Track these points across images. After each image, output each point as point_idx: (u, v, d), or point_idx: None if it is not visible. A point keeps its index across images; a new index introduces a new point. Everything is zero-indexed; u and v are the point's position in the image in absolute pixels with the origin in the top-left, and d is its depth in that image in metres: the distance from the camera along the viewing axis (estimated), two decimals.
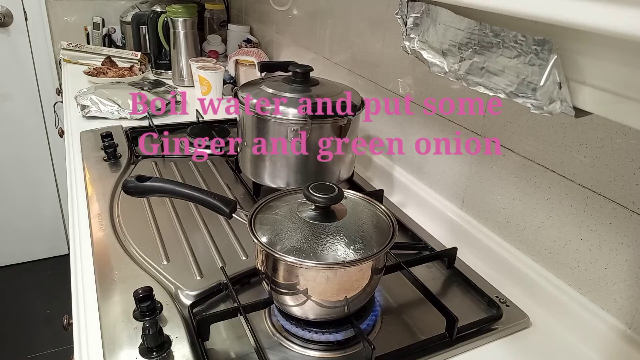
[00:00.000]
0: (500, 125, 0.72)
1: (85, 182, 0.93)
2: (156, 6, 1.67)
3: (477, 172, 0.78)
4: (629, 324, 0.58)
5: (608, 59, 0.32)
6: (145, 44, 1.73)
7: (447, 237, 0.82)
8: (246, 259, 0.74)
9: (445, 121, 0.83)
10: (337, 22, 1.15)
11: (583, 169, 0.60)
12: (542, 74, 0.35)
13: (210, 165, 1.03)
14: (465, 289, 0.70)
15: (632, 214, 0.56)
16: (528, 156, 0.68)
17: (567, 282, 0.65)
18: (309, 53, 1.31)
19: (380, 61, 0.99)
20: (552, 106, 0.36)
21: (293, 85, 0.84)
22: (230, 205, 0.66)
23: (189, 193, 0.68)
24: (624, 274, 0.58)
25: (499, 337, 0.62)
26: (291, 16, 1.41)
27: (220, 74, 1.40)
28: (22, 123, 2.03)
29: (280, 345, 0.59)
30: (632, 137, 0.54)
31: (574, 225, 0.63)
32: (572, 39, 0.33)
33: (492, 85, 0.41)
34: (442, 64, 0.46)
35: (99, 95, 1.23)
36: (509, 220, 0.73)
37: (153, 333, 0.55)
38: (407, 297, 0.68)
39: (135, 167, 1.01)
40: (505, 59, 0.39)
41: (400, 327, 0.63)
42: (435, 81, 0.84)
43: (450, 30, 0.44)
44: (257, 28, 1.72)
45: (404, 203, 0.94)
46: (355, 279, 0.56)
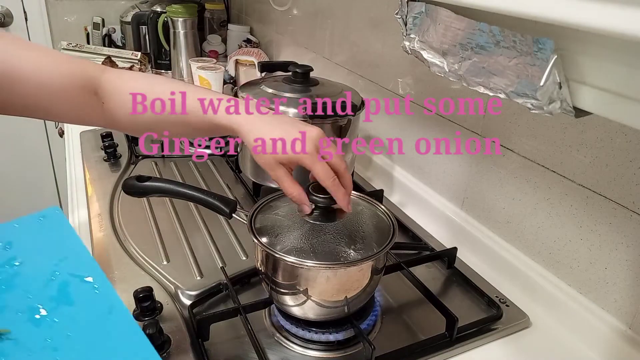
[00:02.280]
0: (500, 125, 0.72)
1: (85, 182, 0.93)
2: (156, 6, 1.67)
3: (477, 172, 0.78)
4: (629, 324, 0.58)
5: (608, 59, 0.32)
6: (145, 44, 1.73)
7: (447, 237, 0.82)
8: (246, 259, 0.74)
9: (445, 121, 0.83)
10: (337, 22, 1.15)
11: (583, 169, 0.60)
12: (542, 74, 0.35)
13: (210, 165, 1.03)
14: (465, 289, 0.70)
15: (632, 214, 0.56)
16: (528, 156, 0.68)
17: (567, 282, 0.65)
18: (309, 53, 1.31)
19: (380, 61, 0.99)
20: (552, 106, 0.36)
21: (293, 85, 0.84)
22: (230, 205, 0.66)
23: (189, 193, 0.68)
24: (624, 274, 0.58)
25: (499, 337, 0.62)
26: (291, 16, 1.41)
27: (220, 74, 1.40)
28: (22, 123, 2.03)
29: (280, 345, 0.59)
30: (632, 137, 0.54)
31: (574, 225, 0.63)
32: (572, 39, 0.33)
33: (492, 85, 0.41)
34: (442, 64, 0.46)
35: None
36: (509, 220, 0.73)
37: (153, 333, 0.55)
38: (407, 297, 0.68)
39: (135, 167, 1.01)
40: (505, 59, 0.39)
41: (400, 327, 0.63)
42: (435, 81, 0.84)
43: (450, 30, 0.44)
44: (257, 28, 1.72)
45: (404, 203, 0.94)
46: (355, 279, 0.56)
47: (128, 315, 0.46)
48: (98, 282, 0.49)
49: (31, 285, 0.48)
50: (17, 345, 0.42)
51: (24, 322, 0.44)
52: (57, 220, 0.57)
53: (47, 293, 0.47)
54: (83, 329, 0.44)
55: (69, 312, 0.46)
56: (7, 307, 0.45)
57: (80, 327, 0.44)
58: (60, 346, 0.42)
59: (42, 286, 0.48)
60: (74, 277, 0.49)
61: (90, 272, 0.50)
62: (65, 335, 0.43)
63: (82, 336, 0.44)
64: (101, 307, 0.47)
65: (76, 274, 0.50)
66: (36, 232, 0.55)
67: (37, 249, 0.53)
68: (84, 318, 0.45)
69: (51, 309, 0.46)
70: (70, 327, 0.44)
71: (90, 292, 0.48)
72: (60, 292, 0.48)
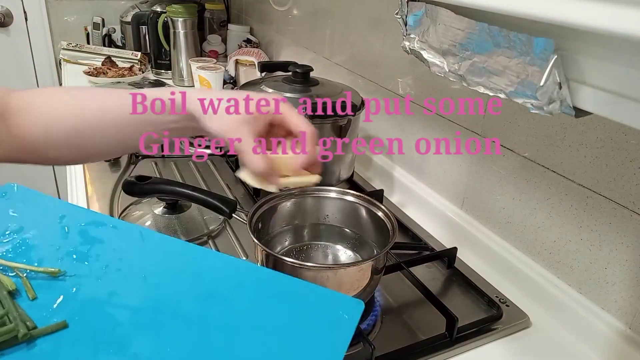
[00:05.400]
0: (500, 125, 0.72)
1: (85, 182, 0.93)
2: (156, 6, 1.67)
3: (477, 172, 0.78)
4: (629, 324, 0.58)
5: (608, 59, 0.32)
6: (145, 44, 1.73)
7: (447, 237, 0.82)
8: (246, 259, 0.74)
9: (445, 121, 0.83)
10: (337, 22, 1.15)
11: (583, 169, 0.60)
12: (542, 74, 0.35)
13: (210, 165, 1.03)
14: (465, 289, 0.70)
15: (632, 214, 0.56)
16: (528, 156, 0.68)
17: (567, 282, 0.65)
18: (309, 53, 1.31)
19: (380, 61, 0.99)
20: (552, 106, 0.36)
21: (293, 85, 0.84)
22: (230, 205, 0.66)
23: (189, 193, 0.68)
24: (624, 274, 0.58)
25: (499, 337, 0.62)
26: (291, 16, 1.41)
27: (220, 74, 1.40)
28: None
29: None
30: (632, 137, 0.54)
31: (574, 225, 0.63)
32: (572, 39, 0.33)
33: (492, 85, 0.41)
34: (442, 64, 0.46)
35: None
36: (509, 220, 0.73)
37: None
38: (407, 297, 0.68)
39: (135, 167, 1.01)
40: (505, 59, 0.39)
41: (400, 327, 0.63)
42: (435, 81, 0.84)
43: (450, 30, 0.44)
44: (257, 28, 1.72)
45: (404, 203, 0.94)
46: (356, 279, 0.56)
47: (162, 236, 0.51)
48: (111, 223, 0.52)
49: (52, 242, 0.50)
50: (82, 279, 0.45)
51: (72, 263, 0.47)
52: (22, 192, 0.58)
53: (73, 241, 0.50)
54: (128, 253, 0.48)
55: (106, 247, 0.49)
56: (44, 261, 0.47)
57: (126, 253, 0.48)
58: (121, 267, 0.47)
59: (64, 239, 0.50)
60: (88, 225, 0.52)
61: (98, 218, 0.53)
62: (117, 259, 0.47)
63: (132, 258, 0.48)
64: (132, 237, 0.50)
65: (87, 223, 0.52)
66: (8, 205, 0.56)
67: (28, 215, 0.54)
68: (123, 248, 0.49)
69: (87, 250, 0.49)
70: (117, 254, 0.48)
71: (111, 231, 0.51)
72: (84, 238, 0.50)
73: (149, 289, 0.44)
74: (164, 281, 0.45)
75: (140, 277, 0.46)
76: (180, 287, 0.44)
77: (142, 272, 0.46)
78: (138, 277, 0.46)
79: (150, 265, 0.47)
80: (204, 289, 0.44)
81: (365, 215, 0.66)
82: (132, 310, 0.42)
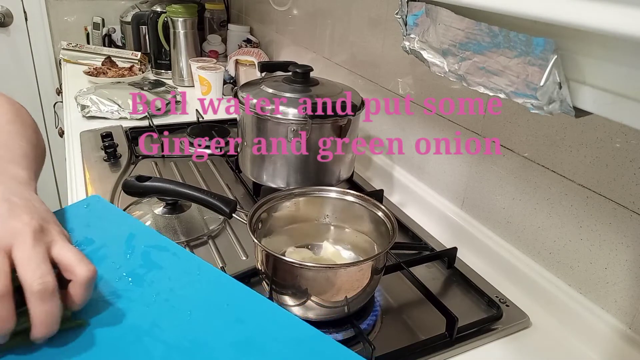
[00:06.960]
0: (500, 125, 0.72)
1: (85, 182, 0.93)
2: (156, 6, 1.67)
3: (477, 172, 0.78)
4: (629, 324, 0.58)
5: (608, 59, 0.32)
6: (145, 44, 1.73)
7: (447, 237, 0.82)
8: (246, 259, 0.74)
9: (445, 121, 0.83)
10: (337, 22, 1.15)
11: (583, 169, 0.60)
12: (542, 74, 0.35)
13: (210, 165, 1.03)
14: (465, 289, 0.70)
15: (632, 214, 0.56)
16: (528, 156, 0.68)
17: (567, 282, 0.65)
18: (309, 53, 1.31)
19: (380, 61, 0.99)
20: (552, 106, 0.36)
21: (293, 85, 0.84)
22: (230, 205, 0.66)
23: (189, 193, 0.68)
24: (624, 274, 0.58)
25: (499, 337, 0.62)
26: (291, 16, 1.41)
27: (220, 74, 1.40)
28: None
29: None
30: (632, 137, 0.54)
31: (574, 225, 0.63)
32: (572, 39, 0.33)
33: (492, 85, 0.41)
34: (442, 64, 0.46)
35: (99, 95, 1.23)
36: (509, 220, 0.73)
37: None
38: (407, 297, 0.68)
39: (135, 167, 1.01)
40: (505, 59, 0.39)
41: (400, 327, 0.63)
42: (435, 81, 0.84)
43: (450, 30, 0.44)
44: (257, 28, 1.72)
45: (404, 203, 0.94)
46: (355, 279, 0.56)
47: (218, 271, 0.50)
48: (173, 249, 0.52)
49: (115, 259, 0.50)
50: (131, 303, 0.45)
51: (127, 285, 0.47)
52: (103, 205, 0.59)
53: (133, 262, 0.50)
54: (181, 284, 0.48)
55: (163, 274, 0.49)
56: (103, 278, 0.47)
57: (179, 283, 0.48)
58: (170, 298, 0.46)
59: (125, 258, 0.50)
60: (151, 248, 0.52)
61: (162, 243, 0.53)
62: (169, 288, 0.47)
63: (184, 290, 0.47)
64: (189, 267, 0.50)
65: (151, 245, 0.52)
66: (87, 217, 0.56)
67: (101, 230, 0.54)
68: (178, 277, 0.49)
69: (144, 273, 0.49)
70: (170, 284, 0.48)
71: (171, 258, 0.51)
72: (145, 260, 0.50)
73: (190, 327, 0.43)
74: (206, 320, 0.44)
75: (185, 312, 0.45)
76: (221, 329, 0.43)
77: (189, 306, 0.45)
78: (184, 311, 0.45)
79: (198, 301, 0.46)
80: (242, 336, 0.43)
81: (365, 215, 0.66)
82: (168, 346, 0.41)
